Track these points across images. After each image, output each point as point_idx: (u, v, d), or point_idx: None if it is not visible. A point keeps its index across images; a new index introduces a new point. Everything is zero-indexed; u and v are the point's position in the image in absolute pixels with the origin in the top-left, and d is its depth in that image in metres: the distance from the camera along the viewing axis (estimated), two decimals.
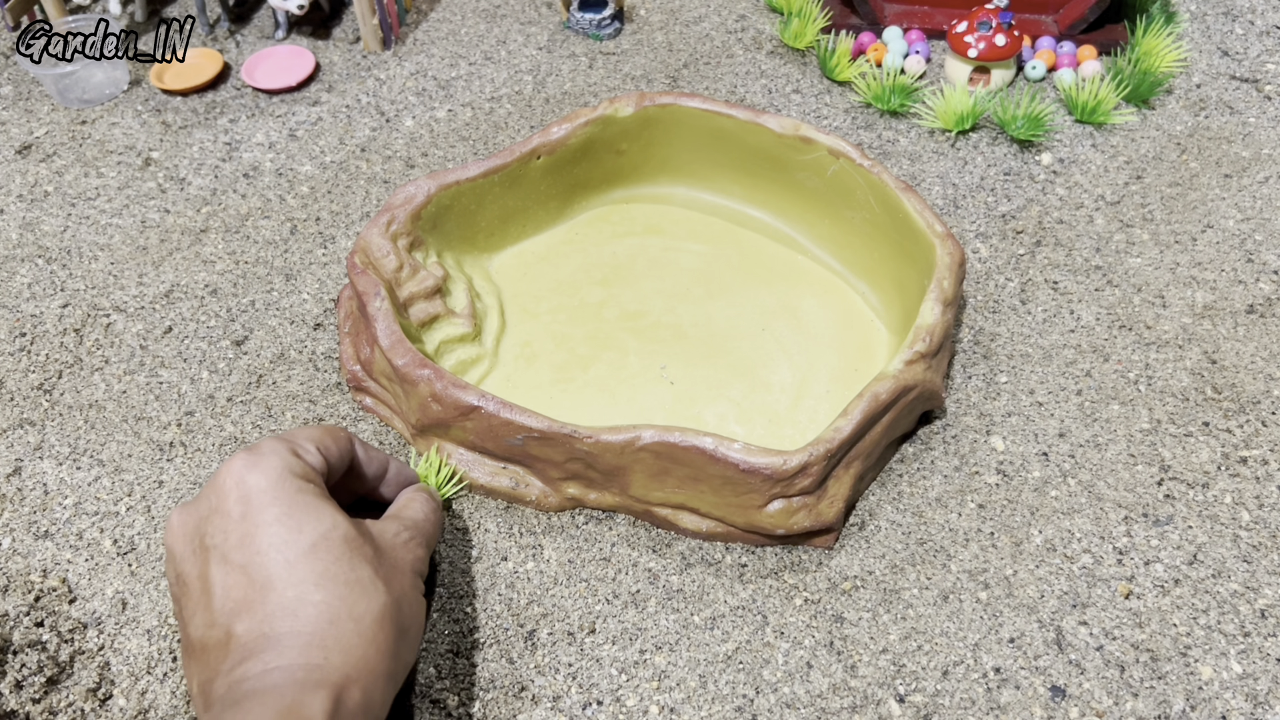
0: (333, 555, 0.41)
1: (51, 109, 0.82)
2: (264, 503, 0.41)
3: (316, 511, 0.42)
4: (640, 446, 0.51)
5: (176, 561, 0.42)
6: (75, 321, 0.66)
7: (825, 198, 0.65)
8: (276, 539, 0.40)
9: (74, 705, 0.49)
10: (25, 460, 0.59)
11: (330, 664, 0.38)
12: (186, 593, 0.41)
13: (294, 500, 0.41)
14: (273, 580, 0.39)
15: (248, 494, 0.41)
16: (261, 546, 0.40)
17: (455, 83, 0.84)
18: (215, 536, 0.41)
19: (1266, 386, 0.62)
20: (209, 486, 0.43)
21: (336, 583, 0.40)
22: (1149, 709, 0.49)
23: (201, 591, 0.40)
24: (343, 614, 0.39)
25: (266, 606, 0.39)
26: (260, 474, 0.42)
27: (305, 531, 0.41)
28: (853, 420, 0.51)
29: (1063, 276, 0.69)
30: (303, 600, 0.39)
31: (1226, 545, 0.55)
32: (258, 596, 0.39)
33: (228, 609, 0.39)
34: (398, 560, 0.44)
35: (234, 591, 0.40)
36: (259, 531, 0.40)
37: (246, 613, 0.39)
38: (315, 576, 0.40)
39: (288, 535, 0.40)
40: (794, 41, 0.85)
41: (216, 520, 0.41)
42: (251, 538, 0.40)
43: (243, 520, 0.41)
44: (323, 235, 0.72)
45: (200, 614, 0.40)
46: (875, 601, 0.53)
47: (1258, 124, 0.79)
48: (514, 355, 0.63)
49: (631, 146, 0.68)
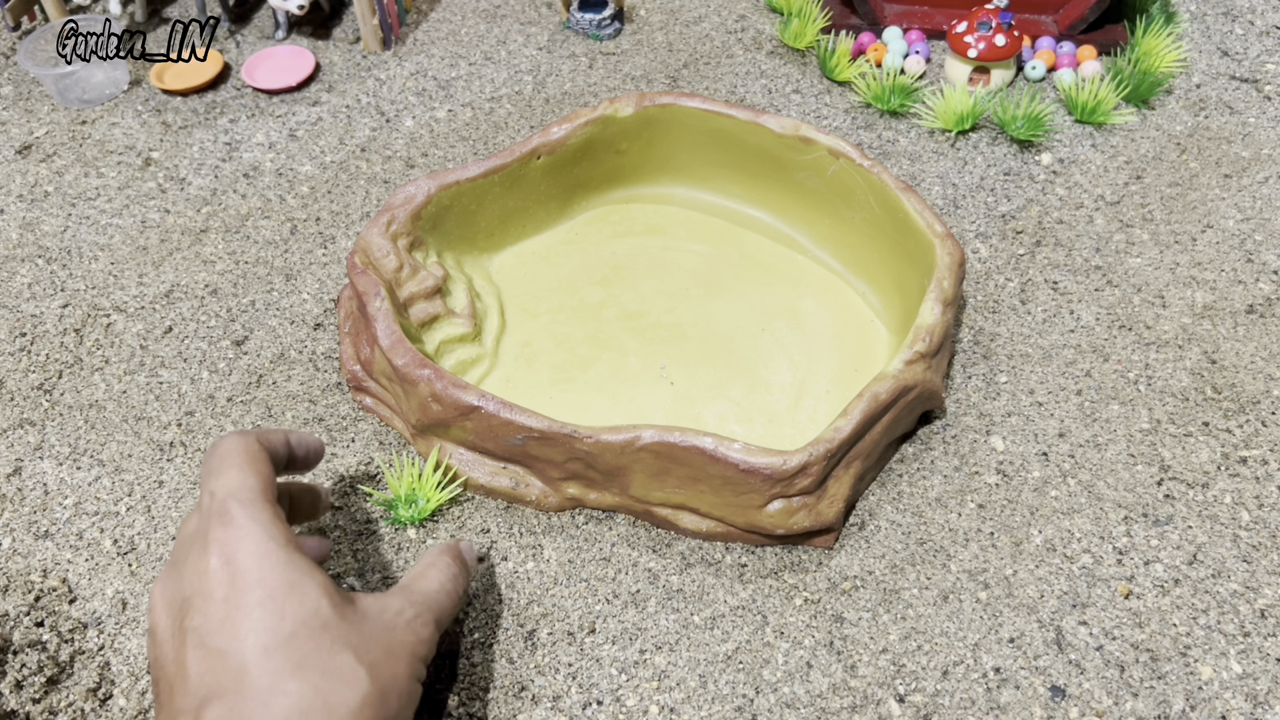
0: (313, 643, 0.39)
1: (51, 109, 0.82)
2: (248, 584, 0.39)
3: (300, 594, 0.40)
4: (640, 446, 0.51)
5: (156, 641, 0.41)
6: (75, 321, 0.66)
7: (825, 198, 0.65)
8: (257, 624, 0.39)
9: (74, 705, 0.49)
10: (25, 460, 0.59)
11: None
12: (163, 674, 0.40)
13: (277, 580, 0.40)
14: (247, 668, 0.38)
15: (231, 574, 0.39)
16: (240, 632, 0.38)
17: (455, 83, 0.84)
18: (195, 619, 0.39)
19: (1266, 386, 0.62)
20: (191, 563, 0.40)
21: (313, 671, 0.38)
22: (1149, 709, 0.49)
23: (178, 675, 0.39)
24: (316, 705, 0.38)
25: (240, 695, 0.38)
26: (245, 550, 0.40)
27: (287, 617, 0.39)
28: (853, 420, 0.51)
29: (1063, 276, 0.69)
30: (275, 690, 0.38)
31: (1226, 545, 0.55)
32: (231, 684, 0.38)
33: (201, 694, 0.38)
34: (392, 644, 0.42)
35: (207, 677, 0.38)
36: (240, 615, 0.39)
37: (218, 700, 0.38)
38: (291, 666, 0.38)
39: (268, 620, 0.39)
40: (794, 41, 0.85)
41: (198, 602, 0.39)
42: (232, 621, 0.39)
43: (225, 602, 0.39)
44: (323, 235, 0.72)
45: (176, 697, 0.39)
46: (875, 601, 0.53)
47: (1258, 124, 0.79)
48: (514, 355, 0.63)
49: (631, 146, 0.68)
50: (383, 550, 0.55)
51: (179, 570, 0.41)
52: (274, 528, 0.41)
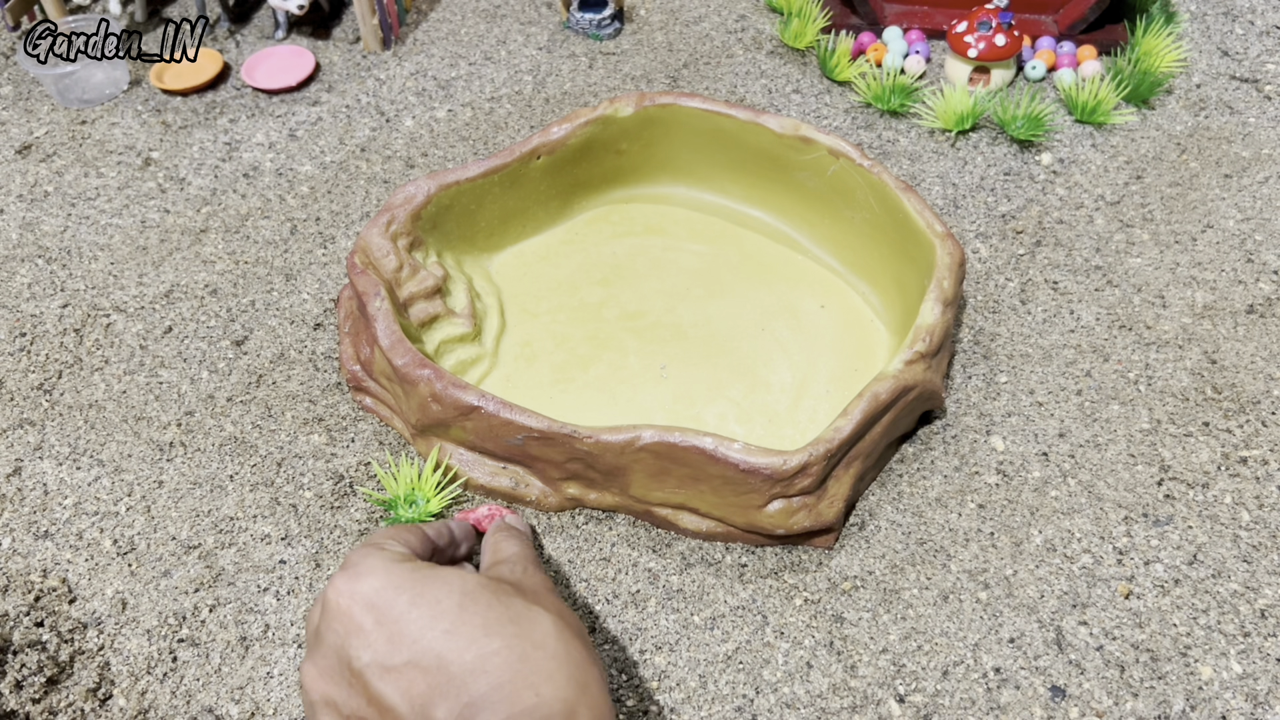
0: (481, 604, 0.39)
1: (51, 109, 0.82)
2: (389, 598, 0.40)
3: (439, 579, 0.40)
4: (640, 446, 0.51)
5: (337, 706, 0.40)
6: (75, 321, 0.66)
7: (825, 198, 0.65)
8: (423, 619, 0.39)
9: (74, 705, 0.49)
10: (25, 460, 0.59)
11: (544, 698, 0.37)
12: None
13: (412, 580, 0.40)
14: (445, 655, 0.38)
15: (369, 600, 0.40)
16: (413, 634, 0.39)
17: (455, 83, 0.84)
18: (362, 656, 0.39)
19: (1266, 386, 0.62)
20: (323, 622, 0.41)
21: (502, 623, 0.39)
22: (1149, 709, 0.49)
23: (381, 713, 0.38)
24: (527, 647, 0.38)
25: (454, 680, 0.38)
26: (367, 577, 0.40)
27: (443, 600, 0.39)
28: (853, 420, 0.51)
29: (1063, 276, 0.69)
30: (483, 654, 0.38)
31: (1226, 545, 0.55)
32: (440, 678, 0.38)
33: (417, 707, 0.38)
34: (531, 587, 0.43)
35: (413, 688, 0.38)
36: (401, 624, 0.39)
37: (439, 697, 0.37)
38: (480, 629, 0.39)
39: (430, 610, 0.39)
40: (794, 41, 0.85)
41: (354, 641, 0.39)
42: (399, 634, 0.39)
43: (379, 625, 0.39)
44: (323, 235, 0.72)
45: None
46: (875, 601, 0.53)
47: (1258, 124, 0.79)
48: (514, 355, 0.63)
49: (631, 146, 0.68)
50: None
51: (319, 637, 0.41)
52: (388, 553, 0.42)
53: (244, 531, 0.56)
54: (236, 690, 0.50)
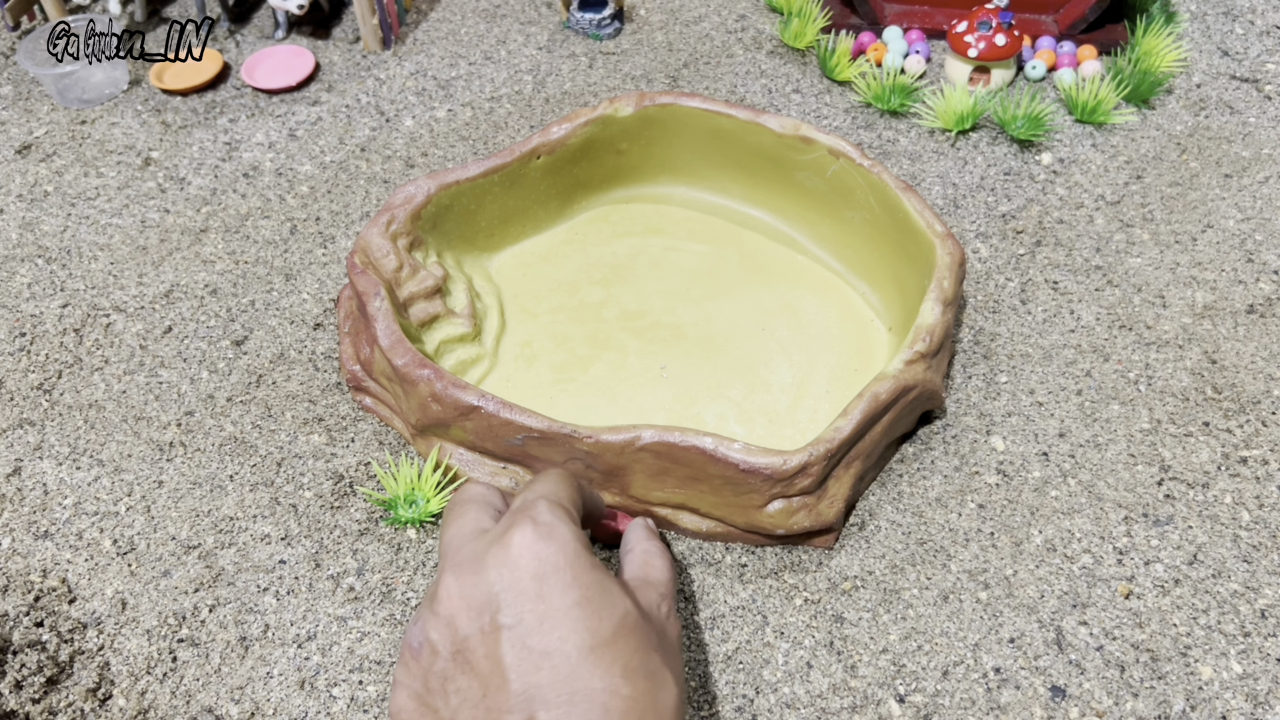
0: (631, 645, 0.39)
1: (51, 109, 0.82)
2: (563, 583, 0.39)
3: (611, 596, 0.40)
4: (640, 446, 0.51)
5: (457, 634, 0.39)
6: (75, 321, 0.66)
7: (825, 198, 0.65)
8: (580, 625, 0.39)
9: (74, 705, 0.49)
10: (25, 460, 0.59)
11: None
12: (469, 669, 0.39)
13: (590, 581, 0.40)
14: (578, 671, 0.38)
15: (544, 571, 0.39)
16: (562, 633, 0.38)
17: (455, 83, 0.84)
18: (510, 616, 0.39)
19: (1266, 386, 0.62)
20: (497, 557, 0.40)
21: (639, 676, 0.39)
22: (1149, 709, 0.49)
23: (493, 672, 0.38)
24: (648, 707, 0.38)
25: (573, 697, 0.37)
26: (555, 548, 0.40)
27: (604, 619, 0.39)
28: (853, 420, 0.51)
29: (1063, 276, 0.69)
30: (611, 693, 0.38)
31: (1226, 545, 0.55)
32: (561, 686, 0.38)
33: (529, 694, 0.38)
34: (670, 641, 0.43)
35: (535, 676, 0.38)
36: (560, 617, 0.39)
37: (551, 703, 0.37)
38: (620, 669, 0.38)
39: (589, 621, 0.39)
40: (794, 41, 0.85)
41: (510, 598, 0.39)
42: (553, 622, 0.39)
43: (540, 600, 0.39)
44: (323, 235, 0.72)
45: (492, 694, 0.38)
46: (875, 601, 0.53)
47: (1258, 124, 0.79)
48: (514, 355, 0.63)
49: (631, 146, 0.68)
50: (383, 551, 0.55)
51: (481, 564, 0.40)
52: (578, 530, 0.42)
53: (244, 531, 0.56)
54: (236, 690, 0.50)
